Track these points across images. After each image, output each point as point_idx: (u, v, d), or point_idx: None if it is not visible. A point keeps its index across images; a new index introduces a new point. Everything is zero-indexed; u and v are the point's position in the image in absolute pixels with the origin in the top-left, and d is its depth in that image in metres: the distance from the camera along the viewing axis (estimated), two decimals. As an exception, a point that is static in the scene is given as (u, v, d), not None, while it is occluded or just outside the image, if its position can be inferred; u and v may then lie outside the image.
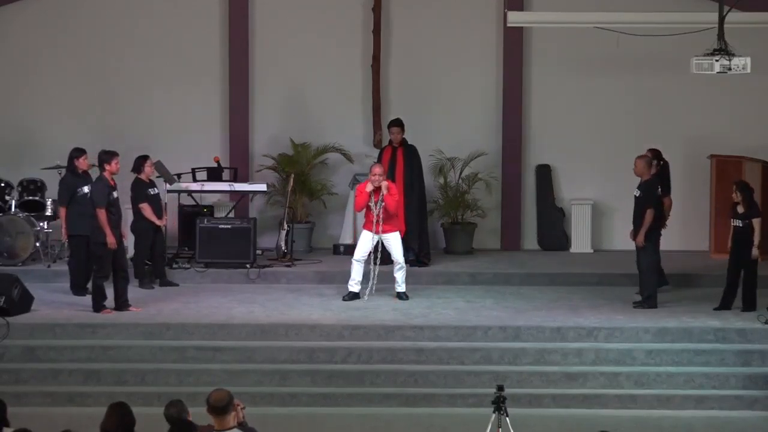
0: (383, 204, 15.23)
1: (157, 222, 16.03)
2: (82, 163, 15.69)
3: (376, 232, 15.34)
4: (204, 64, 18.71)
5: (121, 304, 14.68)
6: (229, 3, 18.60)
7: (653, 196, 15.05)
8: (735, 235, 14.75)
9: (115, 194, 14.74)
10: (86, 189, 15.44)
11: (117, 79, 18.70)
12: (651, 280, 15.13)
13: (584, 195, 18.76)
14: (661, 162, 15.94)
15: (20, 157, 18.28)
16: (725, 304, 14.83)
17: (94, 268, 14.91)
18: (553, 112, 18.77)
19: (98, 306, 14.63)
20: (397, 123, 17.16)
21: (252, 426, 8.63)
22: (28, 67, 18.70)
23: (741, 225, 14.64)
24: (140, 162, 16.05)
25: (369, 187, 15.31)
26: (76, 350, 13.74)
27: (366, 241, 15.44)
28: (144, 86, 18.69)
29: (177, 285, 16.28)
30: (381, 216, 15.29)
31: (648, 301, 15.03)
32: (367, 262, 15.54)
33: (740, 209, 14.68)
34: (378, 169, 15.46)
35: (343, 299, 15.46)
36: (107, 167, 14.75)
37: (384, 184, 15.30)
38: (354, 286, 15.52)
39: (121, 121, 18.63)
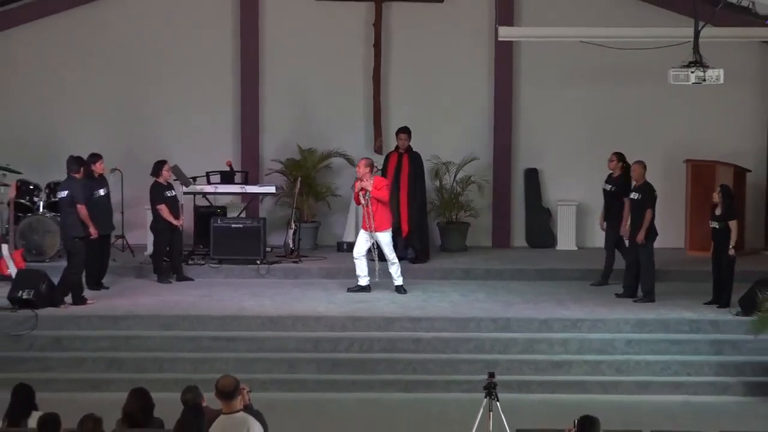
0: (370, 197, 15.34)
1: (175, 222, 16.20)
2: (98, 167, 15.91)
3: (369, 229, 15.45)
4: (218, 76, 18.89)
5: (56, 300, 14.75)
6: (240, 20, 18.73)
7: (651, 197, 15.25)
8: (713, 237, 14.81)
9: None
10: (102, 192, 15.91)
11: (138, 89, 18.88)
12: (650, 276, 15.27)
13: (569, 196, 18.93)
14: (624, 164, 15.93)
15: (47, 161, 18.28)
16: (716, 300, 14.89)
17: (67, 264, 14.88)
18: (540, 120, 18.95)
19: (78, 299, 14.71)
20: (405, 130, 17.32)
21: (258, 409, 8.90)
22: (55, 77, 18.83)
23: (717, 227, 14.68)
24: (159, 166, 16.33)
25: (357, 187, 15.54)
26: (99, 340, 13.97)
27: (362, 240, 15.66)
28: (163, 97, 18.87)
29: (192, 280, 16.50)
30: (371, 209, 15.39)
31: (648, 296, 15.22)
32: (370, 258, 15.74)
33: (718, 211, 14.71)
34: (361, 168, 15.56)
35: (350, 290, 15.72)
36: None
37: (366, 184, 15.37)
38: (362, 279, 15.78)
39: (142, 128, 18.86)
